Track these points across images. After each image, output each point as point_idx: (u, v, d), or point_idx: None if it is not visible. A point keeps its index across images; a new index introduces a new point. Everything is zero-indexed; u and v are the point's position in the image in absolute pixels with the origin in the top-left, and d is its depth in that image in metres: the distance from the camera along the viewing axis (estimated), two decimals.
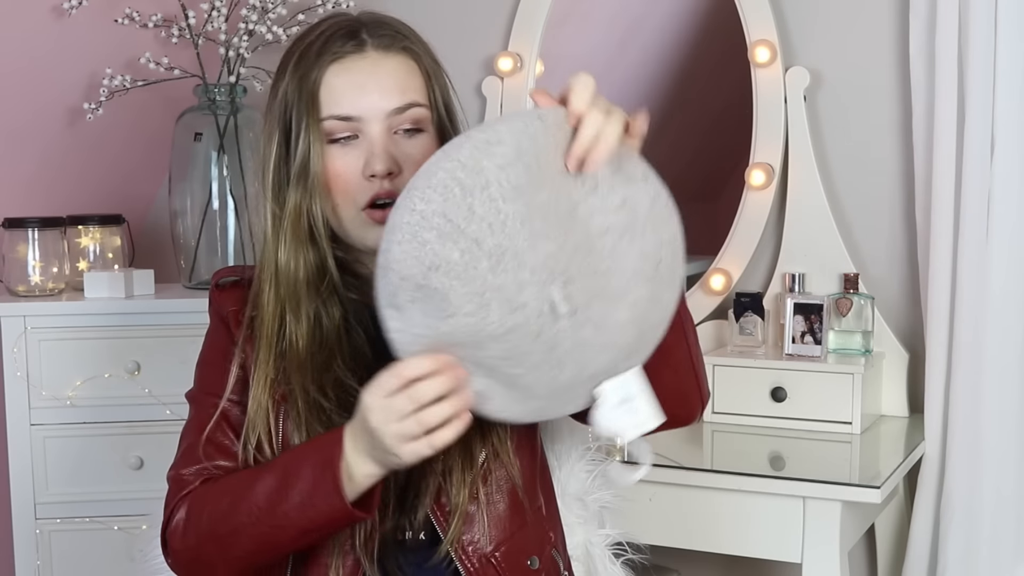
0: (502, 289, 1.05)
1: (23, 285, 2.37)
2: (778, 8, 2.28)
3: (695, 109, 2.67)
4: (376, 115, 1.25)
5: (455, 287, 1.04)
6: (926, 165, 2.11)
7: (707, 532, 1.94)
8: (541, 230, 1.06)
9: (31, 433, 2.26)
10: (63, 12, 2.38)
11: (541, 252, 1.06)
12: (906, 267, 2.24)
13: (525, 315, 1.07)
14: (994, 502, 2.03)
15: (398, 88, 1.27)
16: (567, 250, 1.08)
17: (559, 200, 1.07)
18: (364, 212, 1.26)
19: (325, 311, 1.29)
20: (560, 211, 1.07)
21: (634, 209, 1.12)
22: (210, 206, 2.46)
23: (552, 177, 1.07)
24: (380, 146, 1.25)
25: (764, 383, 2.14)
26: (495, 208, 1.04)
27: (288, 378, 1.27)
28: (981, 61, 1.99)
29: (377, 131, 1.25)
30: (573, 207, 1.08)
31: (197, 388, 1.36)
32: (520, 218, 1.05)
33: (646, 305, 1.15)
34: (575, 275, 1.09)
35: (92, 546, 2.29)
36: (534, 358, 1.10)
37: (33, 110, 2.46)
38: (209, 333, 1.39)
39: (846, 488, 1.82)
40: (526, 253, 1.05)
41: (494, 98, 2.50)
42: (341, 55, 1.26)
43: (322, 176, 1.26)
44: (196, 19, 2.44)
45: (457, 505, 1.26)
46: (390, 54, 1.27)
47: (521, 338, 1.08)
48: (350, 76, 1.26)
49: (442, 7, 2.54)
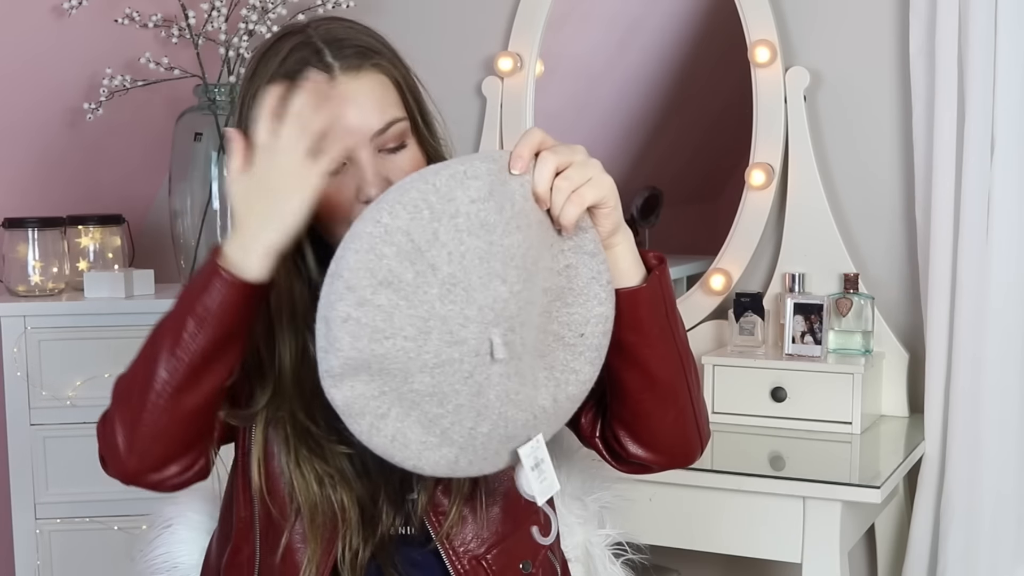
0: (446, 320, 1.05)
1: (23, 285, 2.38)
2: (778, 8, 2.28)
3: (695, 109, 2.67)
4: (361, 140, 1.22)
5: (400, 307, 1.04)
6: (926, 165, 2.11)
7: (707, 532, 1.94)
8: (499, 271, 1.06)
9: (31, 433, 2.26)
10: (63, 12, 2.38)
11: (492, 293, 1.06)
12: (906, 267, 2.24)
13: (461, 351, 1.07)
14: (994, 502, 2.03)
15: (376, 108, 1.23)
16: (520, 298, 1.08)
17: (529, 249, 1.08)
18: None
19: (312, 337, 1.25)
20: (526, 260, 1.08)
21: (573, 278, 1.13)
22: (210, 206, 2.46)
23: (531, 225, 1.08)
24: (371, 171, 1.22)
25: (764, 383, 2.14)
26: (458, 238, 1.04)
27: (276, 404, 1.25)
28: (981, 61, 1.99)
29: (365, 156, 1.22)
30: (539, 259, 1.09)
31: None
32: (480, 254, 1.05)
33: (563, 372, 1.15)
34: (518, 324, 1.09)
35: (92, 546, 2.30)
36: (459, 399, 1.09)
37: (33, 110, 2.46)
38: None
39: (846, 488, 1.82)
40: (477, 290, 1.06)
41: (494, 98, 2.50)
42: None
43: (322, 203, 1.20)
44: (196, 19, 2.44)
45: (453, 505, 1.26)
46: (361, 75, 1.23)
47: (452, 375, 1.07)
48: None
49: (442, 7, 2.54)
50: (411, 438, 1.10)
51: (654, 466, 1.29)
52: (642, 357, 1.20)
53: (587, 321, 1.14)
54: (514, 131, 2.48)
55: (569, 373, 1.16)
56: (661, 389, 1.22)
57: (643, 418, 1.24)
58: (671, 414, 1.24)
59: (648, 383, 1.21)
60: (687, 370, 1.24)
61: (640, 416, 1.24)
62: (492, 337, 1.07)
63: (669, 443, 1.26)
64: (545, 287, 1.12)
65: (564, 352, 1.15)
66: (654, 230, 2.69)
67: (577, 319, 1.14)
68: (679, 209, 2.66)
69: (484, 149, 2.48)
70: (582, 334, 1.14)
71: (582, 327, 1.14)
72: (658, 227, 2.68)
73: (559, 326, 1.14)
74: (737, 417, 2.16)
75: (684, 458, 1.30)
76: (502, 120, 2.50)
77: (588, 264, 1.14)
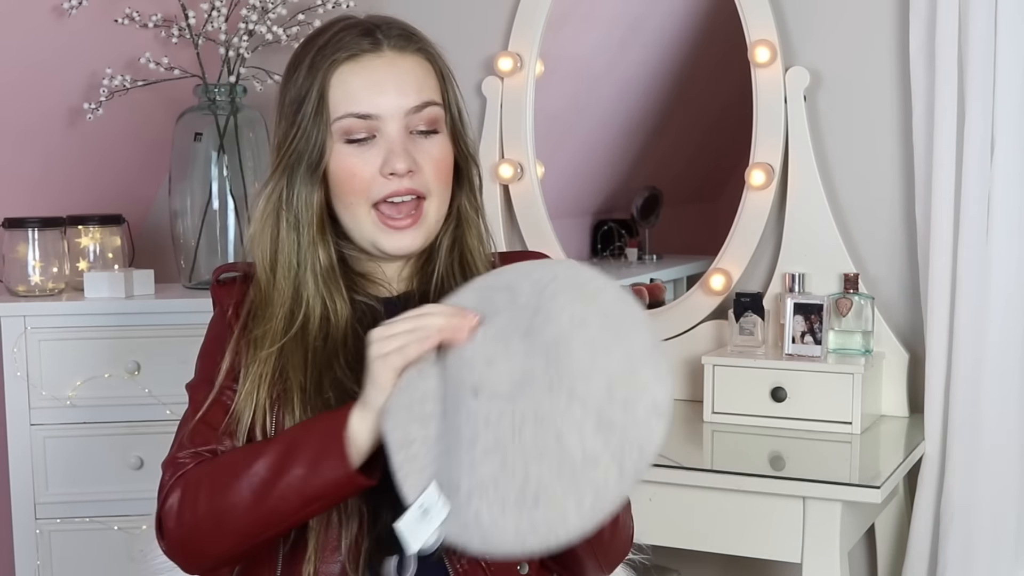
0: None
1: (23, 285, 2.38)
2: (778, 8, 2.28)
3: (695, 109, 2.67)
4: (394, 113, 1.26)
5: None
6: (926, 165, 2.11)
7: (707, 532, 1.94)
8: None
9: (31, 433, 2.26)
10: (63, 12, 2.38)
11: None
12: (906, 267, 2.24)
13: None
14: (994, 502, 2.03)
15: (415, 87, 1.28)
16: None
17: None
18: (373, 211, 1.28)
19: (333, 307, 1.30)
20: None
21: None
22: (210, 206, 2.46)
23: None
24: (400, 144, 1.26)
25: (764, 383, 2.14)
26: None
27: (286, 374, 1.27)
28: (981, 61, 1.99)
29: (395, 129, 1.26)
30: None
31: (197, 378, 1.36)
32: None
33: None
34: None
35: (92, 546, 2.30)
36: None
37: (33, 110, 2.46)
38: (212, 323, 1.39)
39: (846, 488, 1.82)
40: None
41: (494, 98, 2.50)
42: (357, 54, 1.27)
43: (335, 174, 1.28)
44: (196, 19, 2.44)
45: None
46: (406, 54, 1.29)
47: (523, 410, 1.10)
48: (367, 75, 1.27)
49: (442, 7, 2.54)
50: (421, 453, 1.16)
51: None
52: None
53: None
54: (514, 131, 2.49)
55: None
56: (574, 560, 1.30)
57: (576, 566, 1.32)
58: (590, 561, 1.32)
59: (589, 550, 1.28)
60: (597, 545, 1.29)
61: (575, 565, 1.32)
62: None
63: (586, 569, 1.34)
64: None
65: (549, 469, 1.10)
66: (654, 230, 2.69)
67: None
68: (679, 209, 2.66)
69: (484, 148, 2.48)
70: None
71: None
72: (658, 227, 2.69)
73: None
74: (737, 417, 2.16)
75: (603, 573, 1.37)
76: (502, 120, 2.50)
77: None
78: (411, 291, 1.36)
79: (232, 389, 1.29)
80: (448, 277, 1.34)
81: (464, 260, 1.34)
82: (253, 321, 1.30)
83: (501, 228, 2.50)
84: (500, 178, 2.49)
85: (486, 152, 2.48)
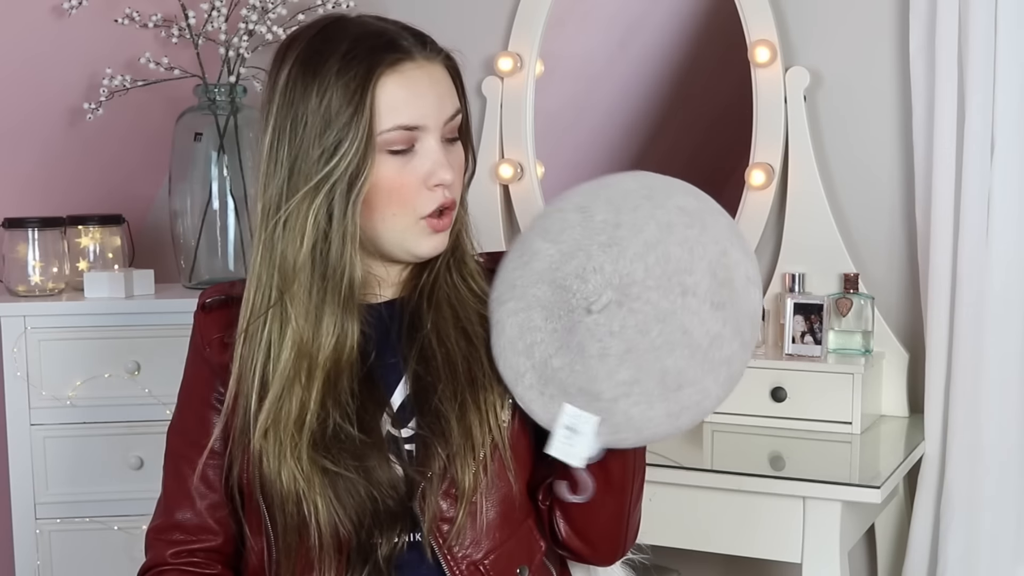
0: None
1: (23, 285, 2.37)
2: (778, 8, 2.28)
3: (695, 109, 2.67)
4: (436, 123, 1.25)
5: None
6: (926, 165, 2.11)
7: (707, 532, 1.94)
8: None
9: (31, 433, 2.26)
10: (63, 12, 2.38)
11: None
12: (906, 267, 2.24)
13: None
14: (994, 502, 2.03)
15: (449, 95, 1.27)
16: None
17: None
18: (425, 221, 1.26)
19: (346, 326, 1.25)
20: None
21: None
22: (210, 206, 2.46)
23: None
24: (442, 155, 1.25)
25: (764, 383, 2.14)
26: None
27: (289, 398, 1.25)
28: (981, 61, 1.99)
29: (436, 139, 1.25)
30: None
31: (174, 430, 1.38)
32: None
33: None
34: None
35: (92, 546, 2.29)
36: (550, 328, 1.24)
37: (33, 110, 2.46)
38: (187, 366, 1.38)
39: (846, 488, 1.82)
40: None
41: (494, 98, 2.50)
42: (395, 63, 1.22)
43: (378, 186, 1.23)
44: (196, 19, 2.44)
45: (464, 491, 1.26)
46: (436, 62, 1.26)
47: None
48: (410, 85, 1.23)
49: (442, 7, 2.54)
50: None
51: (578, 554, 1.35)
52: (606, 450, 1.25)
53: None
54: (514, 131, 2.49)
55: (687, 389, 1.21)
56: (608, 483, 1.27)
57: (583, 504, 1.28)
58: (607, 510, 1.30)
59: (600, 473, 1.26)
60: (636, 475, 1.30)
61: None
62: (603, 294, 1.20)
63: (595, 537, 1.33)
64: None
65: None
66: None
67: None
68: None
69: (484, 148, 2.48)
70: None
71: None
72: None
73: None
74: (737, 417, 2.16)
75: (604, 557, 1.37)
76: (502, 120, 2.50)
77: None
78: (403, 296, 1.34)
79: (214, 451, 1.32)
80: (445, 271, 1.33)
81: (459, 259, 1.34)
82: (249, 338, 1.27)
83: (501, 228, 2.50)
84: (500, 178, 2.49)
85: (486, 152, 2.48)
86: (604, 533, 1.33)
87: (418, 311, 1.31)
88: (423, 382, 1.28)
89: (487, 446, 1.27)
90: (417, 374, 1.28)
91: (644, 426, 1.21)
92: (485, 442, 1.26)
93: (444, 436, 1.25)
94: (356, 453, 1.23)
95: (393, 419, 1.28)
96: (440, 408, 1.26)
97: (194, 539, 1.34)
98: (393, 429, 1.28)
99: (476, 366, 1.28)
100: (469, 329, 1.30)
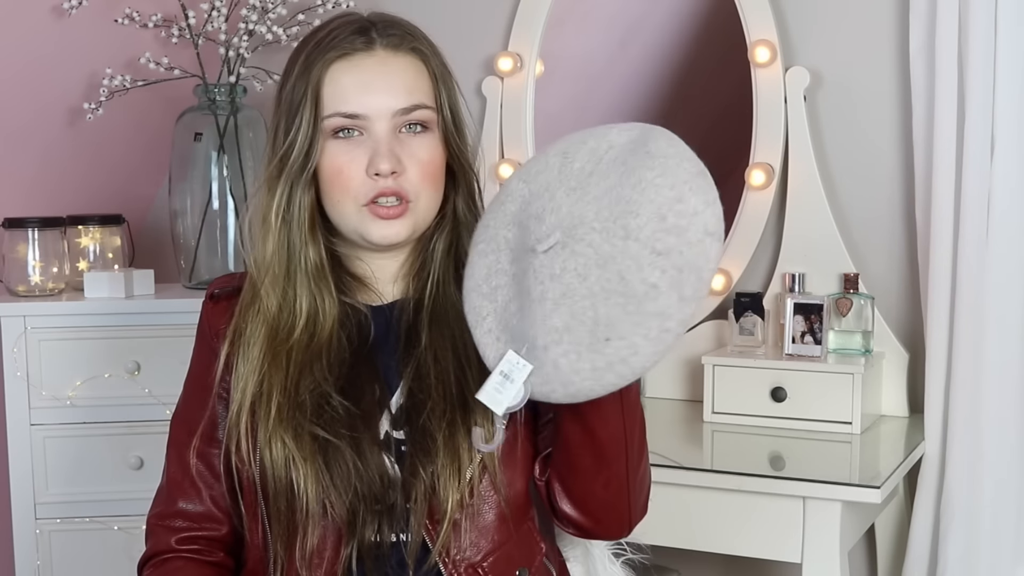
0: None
1: (23, 285, 2.37)
2: (778, 8, 2.28)
3: (695, 109, 2.67)
4: (382, 114, 1.26)
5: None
6: (926, 165, 2.11)
7: (707, 532, 1.94)
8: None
9: (31, 433, 2.26)
10: (63, 12, 2.38)
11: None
12: (906, 267, 2.24)
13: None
14: (994, 502, 2.03)
15: (405, 88, 1.27)
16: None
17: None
18: (367, 208, 1.27)
19: (322, 306, 1.30)
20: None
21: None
22: (210, 206, 2.46)
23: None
24: (385, 145, 1.26)
25: (764, 383, 2.14)
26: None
27: (270, 373, 1.27)
28: (981, 61, 1.99)
29: (382, 130, 1.26)
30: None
31: (179, 418, 1.39)
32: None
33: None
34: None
35: (92, 546, 2.29)
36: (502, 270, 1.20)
37: (33, 110, 2.46)
38: (194, 355, 1.40)
39: (846, 488, 1.82)
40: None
41: (494, 98, 2.50)
42: (349, 52, 1.27)
43: (324, 171, 1.27)
44: (196, 19, 2.44)
45: (446, 512, 1.25)
46: (399, 54, 1.28)
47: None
48: (358, 74, 1.27)
49: (442, 7, 2.54)
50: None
51: (582, 527, 1.33)
52: (588, 414, 1.21)
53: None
54: (514, 131, 2.48)
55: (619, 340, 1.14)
56: (599, 450, 1.24)
57: (577, 474, 1.27)
58: (602, 478, 1.26)
59: (588, 440, 1.24)
60: (628, 442, 1.25)
61: (574, 471, 1.27)
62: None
63: (595, 508, 1.30)
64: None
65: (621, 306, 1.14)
66: None
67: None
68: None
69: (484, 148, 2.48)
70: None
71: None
72: None
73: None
74: (737, 417, 2.16)
75: (610, 529, 1.33)
76: (502, 120, 2.50)
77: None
78: (406, 298, 1.35)
79: (217, 438, 1.34)
80: (444, 283, 1.33)
81: (460, 265, 1.32)
82: (244, 321, 1.31)
83: None
84: (500, 178, 2.49)
85: (486, 152, 2.48)
86: (604, 504, 1.30)
87: (416, 327, 1.32)
88: (415, 398, 1.29)
89: (475, 467, 1.27)
90: (411, 390, 1.29)
91: (570, 379, 1.13)
92: (473, 463, 1.26)
93: (428, 454, 1.25)
94: (346, 423, 1.26)
95: (392, 420, 1.29)
96: (428, 426, 1.27)
97: (197, 527, 1.35)
98: (391, 429, 1.29)
99: (467, 389, 1.27)
100: (463, 353, 1.29)
